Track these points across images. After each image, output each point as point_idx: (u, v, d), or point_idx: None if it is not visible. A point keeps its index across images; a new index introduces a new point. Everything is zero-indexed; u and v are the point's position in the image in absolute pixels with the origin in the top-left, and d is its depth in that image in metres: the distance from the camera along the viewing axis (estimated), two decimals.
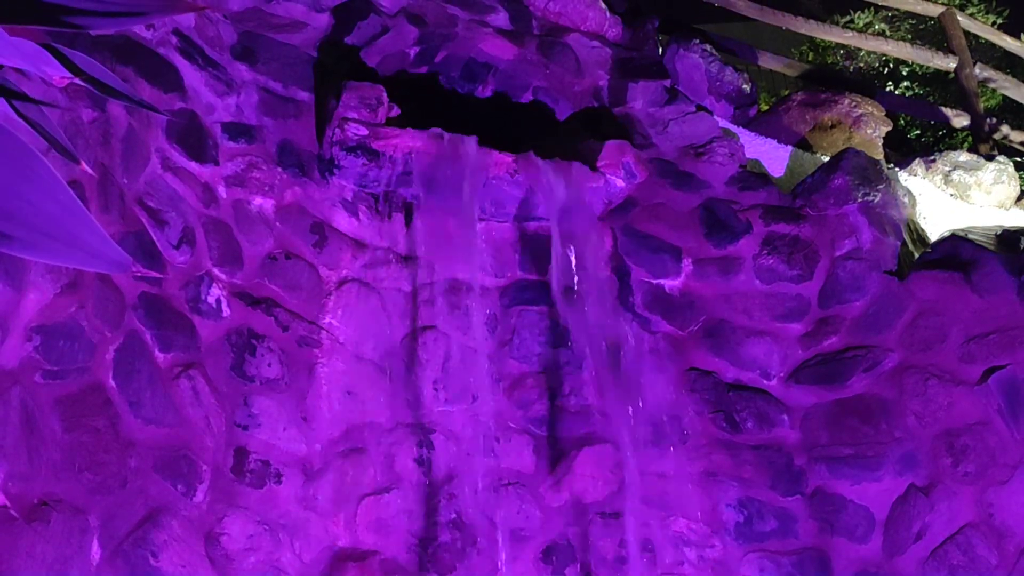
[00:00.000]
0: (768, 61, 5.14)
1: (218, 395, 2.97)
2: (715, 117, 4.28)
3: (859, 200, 3.61)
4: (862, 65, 7.44)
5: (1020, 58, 6.25)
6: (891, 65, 7.25)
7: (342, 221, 3.54)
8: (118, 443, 2.58)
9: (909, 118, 6.56)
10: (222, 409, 2.96)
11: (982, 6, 7.65)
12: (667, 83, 4.36)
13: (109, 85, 1.42)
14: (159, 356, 2.83)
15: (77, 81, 1.32)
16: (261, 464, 2.99)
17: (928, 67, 6.09)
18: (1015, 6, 7.75)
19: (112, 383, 2.62)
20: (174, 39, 3.30)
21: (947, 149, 6.53)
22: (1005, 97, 6.25)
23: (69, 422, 2.47)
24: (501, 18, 4.36)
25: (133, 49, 3.09)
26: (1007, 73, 5.98)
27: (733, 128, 4.34)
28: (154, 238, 2.94)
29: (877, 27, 7.38)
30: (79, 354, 2.50)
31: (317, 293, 3.37)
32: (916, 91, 7.24)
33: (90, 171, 2.35)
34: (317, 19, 3.96)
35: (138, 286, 2.83)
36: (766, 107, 5.70)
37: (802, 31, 5.50)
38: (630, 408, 3.50)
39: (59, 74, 1.28)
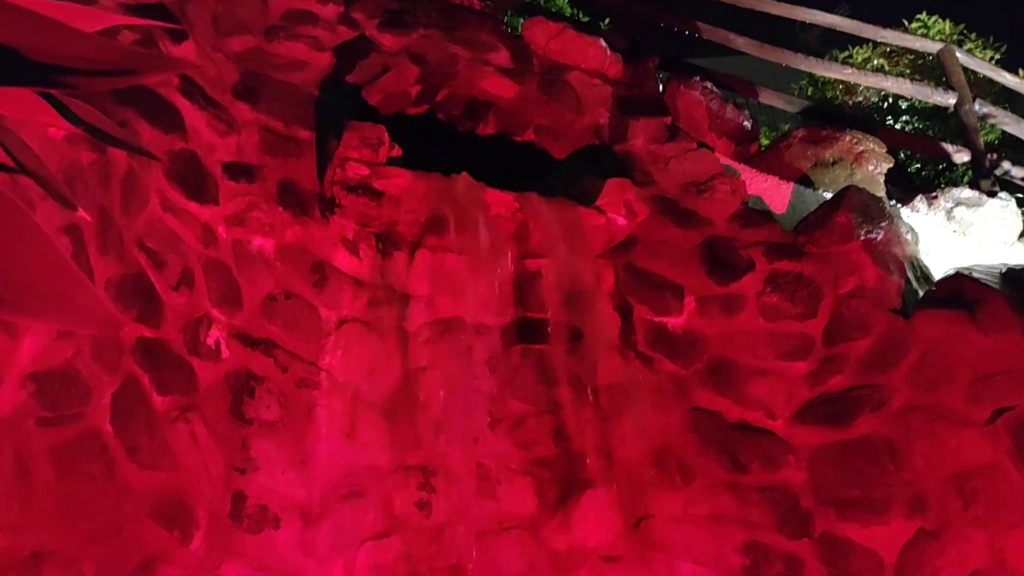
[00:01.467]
0: (768, 97, 5.15)
1: (216, 438, 2.92)
2: (716, 154, 4.28)
3: (862, 237, 3.59)
4: (861, 100, 7.46)
5: (1019, 93, 6.27)
6: (890, 100, 7.27)
7: (343, 260, 3.51)
8: (113, 490, 2.53)
9: (909, 152, 6.57)
10: (220, 453, 2.92)
11: (980, 41, 7.69)
12: (668, 120, 4.36)
13: (107, 133, 1.41)
14: (157, 399, 2.78)
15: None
16: (259, 509, 2.93)
17: (927, 102, 6.09)
18: (1012, 41, 7.80)
19: (108, 428, 2.57)
20: (176, 79, 3.30)
21: (948, 184, 6.54)
22: (1004, 132, 6.25)
23: (63, 470, 2.42)
24: (502, 56, 4.37)
25: (134, 90, 3.09)
26: (1006, 108, 5.99)
27: (734, 165, 4.33)
28: (152, 280, 2.91)
29: (876, 62, 7.41)
30: (75, 399, 2.46)
31: (317, 333, 3.34)
32: (915, 125, 7.25)
33: (87, 217, 2.32)
34: (319, 58, 3.98)
35: (136, 329, 2.80)
36: (766, 142, 5.72)
37: (802, 67, 5.52)
38: (633, 449, 3.45)
39: (56, 124, 1.26)
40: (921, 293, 3.60)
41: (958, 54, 5.45)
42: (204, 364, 3.00)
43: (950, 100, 5.30)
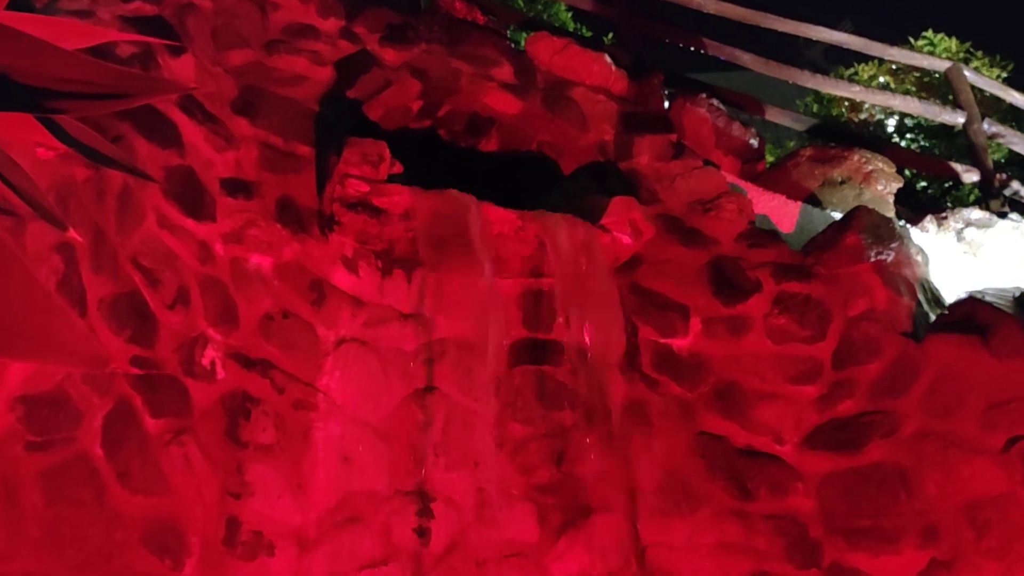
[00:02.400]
0: (775, 115, 5.10)
1: (210, 462, 2.85)
2: (722, 172, 4.22)
3: (872, 259, 3.52)
4: (866, 117, 7.42)
5: None
6: (895, 117, 7.23)
7: (342, 278, 3.45)
8: (103, 516, 2.46)
9: (915, 170, 6.52)
10: (214, 477, 2.84)
11: (987, 59, 7.66)
12: (673, 137, 4.30)
13: (101, 152, 1.34)
14: (150, 422, 2.71)
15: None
16: (254, 535, 2.86)
17: (933, 120, 6.05)
18: (1019, 58, 7.76)
19: (99, 452, 2.50)
20: (173, 95, 3.24)
21: (956, 202, 6.49)
22: (1011, 151, 6.20)
23: (52, 495, 2.35)
24: (506, 72, 4.32)
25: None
26: (1012, 127, 5.94)
27: (741, 183, 4.27)
28: (147, 298, 2.84)
29: (882, 79, 7.38)
30: (65, 423, 2.39)
31: (315, 353, 3.27)
32: (921, 143, 7.21)
33: (78, 238, 2.26)
34: (319, 73, 3.92)
35: (129, 349, 2.73)
36: (771, 159, 5.66)
37: (809, 85, 5.47)
38: (638, 474, 3.37)
39: (47, 143, 1.20)
40: (932, 316, 3.52)
41: (966, 72, 5.40)
42: (199, 385, 2.93)
43: (959, 119, 5.24)
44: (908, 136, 7.27)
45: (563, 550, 3.24)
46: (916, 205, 5.13)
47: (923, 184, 7.03)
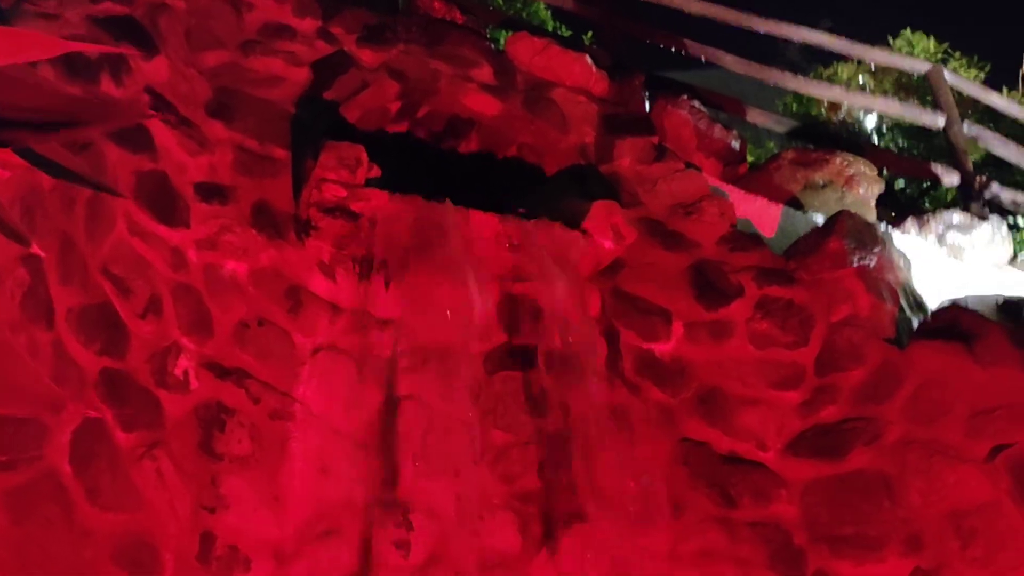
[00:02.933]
0: (756, 116, 5.08)
1: (184, 475, 2.78)
2: (704, 175, 4.19)
3: (855, 264, 3.50)
4: (845, 117, 7.42)
5: (1002, 113, 6.24)
6: (875, 116, 7.24)
7: (319, 285, 3.38)
8: (72, 534, 2.39)
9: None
10: (188, 491, 2.78)
11: (965, 60, 7.68)
12: (655, 139, 4.27)
13: (65, 167, 1.28)
14: (121, 436, 2.64)
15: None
16: (229, 550, 2.79)
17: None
18: (996, 59, 7.79)
19: (68, 469, 2.42)
20: (146, 97, 3.16)
21: (934, 202, 6.50)
22: (988, 152, 6.21)
23: (19, 514, 2.27)
24: (485, 73, 4.26)
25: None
26: (990, 127, 5.96)
27: (722, 186, 4.24)
28: (118, 308, 2.77)
29: (861, 80, 7.38)
30: (31, 441, 2.31)
31: (291, 361, 3.20)
32: (899, 143, 7.22)
33: (40, 253, 2.18)
34: (295, 73, 3.85)
35: (100, 361, 2.66)
36: (751, 159, 5.64)
37: (790, 86, 5.45)
38: (620, 482, 3.33)
39: (8, 161, 1.13)
40: (914, 321, 3.51)
41: (946, 74, 5.40)
42: (172, 396, 2.86)
43: (939, 121, 5.25)
44: (886, 136, 7.28)
45: (545, 559, 3.19)
46: (896, 206, 5.13)
47: (900, 184, 7.04)
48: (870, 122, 7.58)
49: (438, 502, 3.16)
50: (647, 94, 4.57)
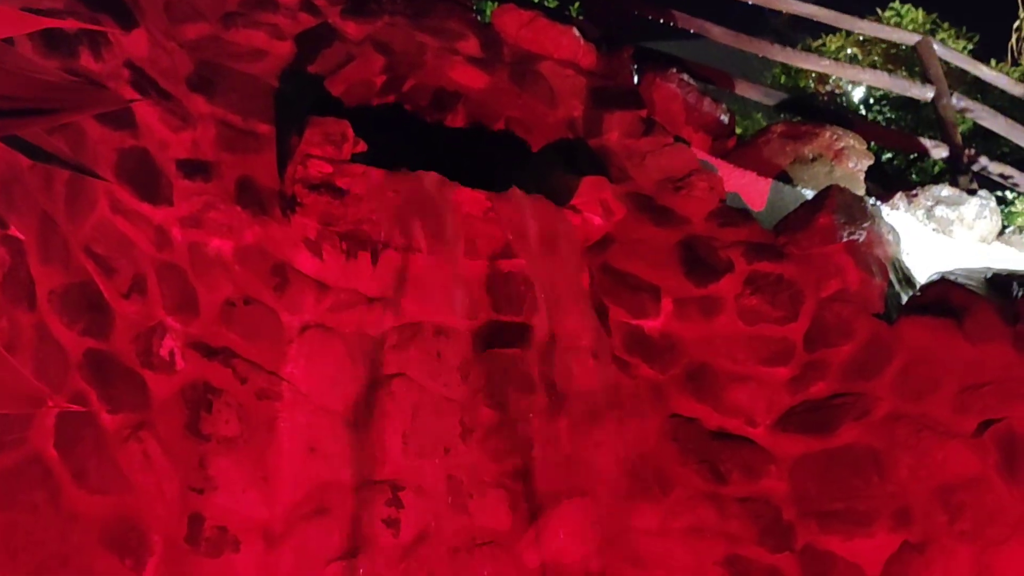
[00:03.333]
0: (745, 89, 5.04)
1: (171, 457, 2.75)
2: (693, 149, 4.16)
3: (845, 239, 3.49)
4: (833, 88, 7.39)
5: (990, 85, 6.22)
6: (863, 88, 7.21)
7: (305, 262, 3.34)
8: (59, 518, 2.36)
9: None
10: (175, 472, 2.75)
11: (953, 31, 7.65)
12: (643, 113, 4.23)
13: (42, 148, 1.24)
14: (106, 418, 2.60)
15: None
16: (218, 531, 2.77)
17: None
18: (984, 30, 7.76)
19: (53, 452, 2.39)
20: (126, 72, 3.09)
21: (921, 174, 6.49)
22: (975, 123, 6.20)
23: (3, 500, 2.24)
24: (471, 45, 4.20)
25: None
26: (977, 99, 5.94)
27: (711, 160, 4.21)
28: (101, 287, 2.72)
29: (849, 51, 7.34)
30: (15, 424, 2.27)
31: (278, 340, 3.17)
32: (887, 114, 7.20)
33: (19, 236, 2.13)
34: (279, 47, 3.78)
35: (83, 342, 2.61)
36: (739, 131, 5.60)
37: (779, 59, 5.41)
38: (610, 459, 3.33)
39: None
40: (903, 296, 3.51)
41: (935, 46, 5.36)
42: (157, 377, 2.82)
43: (928, 94, 5.22)
44: (874, 108, 7.25)
45: (535, 536, 3.19)
46: (884, 180, 5.12)
47: (888, 156, 7.03)
48: (858, 94, 7.55)
49: (428, 480, 3.15)
50: (635, 67, 4.52)
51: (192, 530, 2.74)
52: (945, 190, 4.23)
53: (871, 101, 7.55)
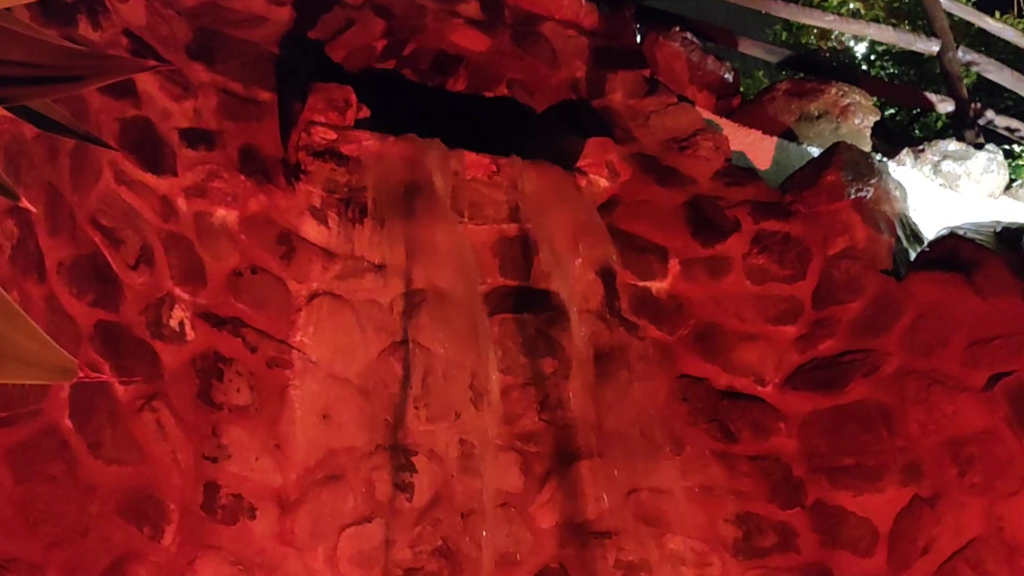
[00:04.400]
0: (748, 47, 4.98)
1: (184, 426, 2.76)
2: (697, 108, 4.12)
3: (852, 196, 3.47)
4: (835, 44, 7.31)
5: (994, 37, 6.15)
6: (866, 43, 7.13)
7: (311, 230, 3.33)
8: (77, 489, 2.38)
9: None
10: (189, 441, 2.76)
11: None
12: (647, 73, 4.19)
13: (48, 117, 1.22)
14: (119, 389, 2.61)
15: None
16: (233, 499, 2.79)
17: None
18: None
19: (68, 424, 2.40)
20: (124, 40, 3.06)
21: (925, 129, 6.44)
22: (980, 76, 6.14)
23: (21, 472, 2.26)
24: (472, 7, 4.14)
25: None
26: (981, 52, 5.87)
27: (716, 119, 4.18)
28: (109, 259, 2.71)
29: (852, 6, 7.25)
30: (29, 396, 2.28)
31: (286, 309, 3.17)
32: (891, 69, 7.13)
33: (31, 208, 2.11)
34: (278, 13, 3.73)
35: (94, 313, 2.62)
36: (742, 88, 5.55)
37: (782, 15, 5.34)
38: (620, 420, 3.35)
39: None
40: (911, 252, 3.50)
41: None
42: (168, 347, 2.83)
43: (933, 48, 5.16)
44: (878, 63, 7.18)
45: (547, 498, 3.22)
46: (889, 136, 5.08)
47: (891, 111, 6.97)
48: (860, 49, 7.47)
49: (440, 444, 3.17)
50: (638, 26, 4.47)
51: (208, 498, 2.76)
52: (952, 145, 4.20)
53: (873, 56, 7.47)
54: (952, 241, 3.21)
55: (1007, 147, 4.42)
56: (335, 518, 2.93)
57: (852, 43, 7.27)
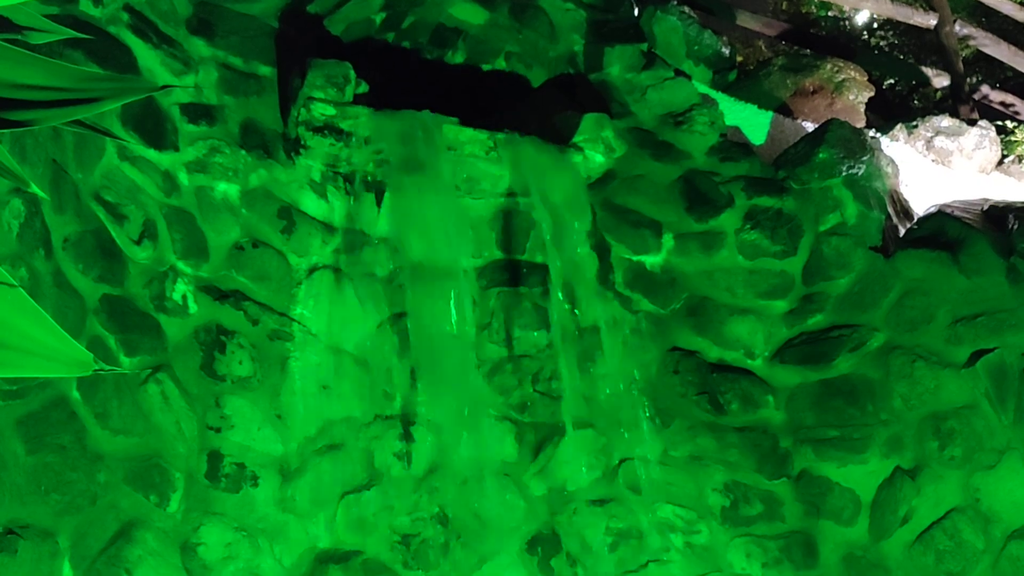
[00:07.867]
0: (746, 20, 5.00)
1: (188, 397, 2.84)
2: (693, 83, 4.15)
3: (844, 173, 3.52)
4: (833, 13, 7.30)
5: (995, 11, 6.14)
6: (866, 13, 7.12)
7: (311, 204, 3.38)
8: (85, 458, 2.46)
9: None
10: (193, 412, 2.85)
11: None
12: (644, 47, 4.21)
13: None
14: (125, 361, 2.69)
15: None
16: (236, 467, 2.88)
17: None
18: None
19: (76, 395, 2.48)
20: (125, 15, 3.09)
21: (923, 100, 6.46)
22: (977, 50, 6.15)
23: (32, 442, 2.34)
24: None
25: (81, 30, 2.88)
26: (981, 23, 5.87)
27: (712, 93, 4.21)
28: (113, 234, 2.78)
29: None
30: None
31: (287, 282, 3.24)
32: (891, 40, 7.13)
33: (41, 194, 2.17)
34: None
35: (99, 288, 2.68)
36: (740, 59, 5.57)
37: None
38: (612, 391, 3.43)
39: None
40: (902, 229, 3.56)
41: None
42: (172, 320, 2.91)
43: (931, 22, 5.18)
44: (877, 33, 7.17)
45: (541, 467, 3.31)
46: (886, 106, 5.11)
47: (890, 82, 6.98)
48: (861, 18, 7.46)
49: (437, 415, 3.25)
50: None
51: (212, 467, 2.85)
52: (945, 121, 4.23)
53: (876, 26, 7.46)
54: (940, 219, 3.27)
55: (999, 123, 4.46)
56: (335, 486, 3.02)
57: (852, 14, 7.25)
